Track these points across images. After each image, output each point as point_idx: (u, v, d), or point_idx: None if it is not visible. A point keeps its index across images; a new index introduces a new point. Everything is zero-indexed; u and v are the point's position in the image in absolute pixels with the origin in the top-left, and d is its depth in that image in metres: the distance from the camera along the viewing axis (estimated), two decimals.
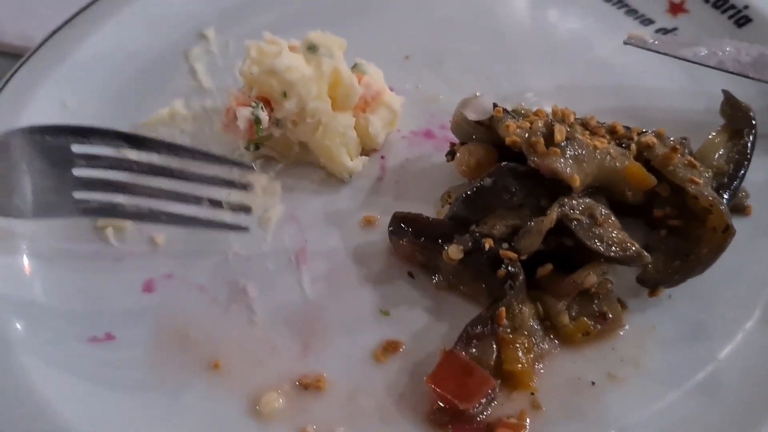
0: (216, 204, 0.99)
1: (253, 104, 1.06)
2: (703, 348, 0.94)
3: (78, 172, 0.96)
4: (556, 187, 0.96)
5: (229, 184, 1.01)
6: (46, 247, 1.06)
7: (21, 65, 1.25)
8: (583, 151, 0.95)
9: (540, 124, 0.96)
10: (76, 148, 0.96)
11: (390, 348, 0.95)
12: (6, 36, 1.44)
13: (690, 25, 1.31)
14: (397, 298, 0.99)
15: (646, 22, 1.34)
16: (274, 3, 1.42)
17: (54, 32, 1.31)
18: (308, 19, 1.35)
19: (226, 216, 1.01)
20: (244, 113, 1.05)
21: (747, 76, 1.13)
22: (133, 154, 1.01)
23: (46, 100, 1.21)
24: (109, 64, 1.30)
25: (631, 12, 1.35)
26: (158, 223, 0.99)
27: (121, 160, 0.98)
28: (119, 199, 0.98)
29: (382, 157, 1.16)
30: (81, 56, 1.28)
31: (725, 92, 1.11)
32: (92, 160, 0.96)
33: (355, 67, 1.16)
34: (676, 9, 1.34)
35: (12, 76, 1.23)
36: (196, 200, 0.98)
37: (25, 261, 1.03)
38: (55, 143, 0.96)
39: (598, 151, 0.96)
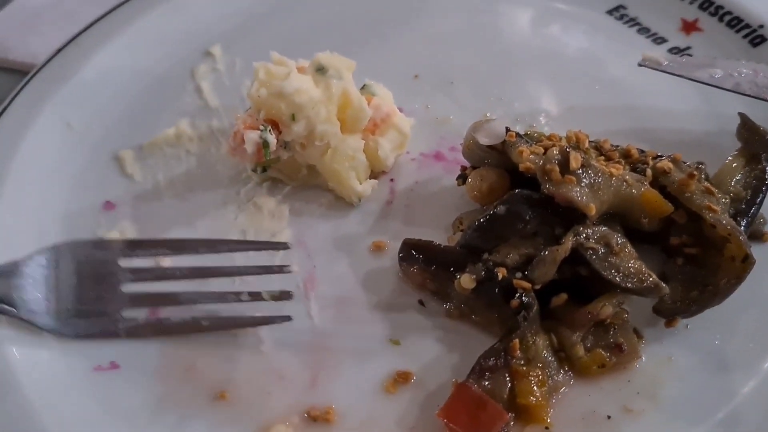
0: (256, 296, 0.98)
1: (261, 127, 1.05)
2: (722, 381, 0.92)
3: (125, 288, 0.96)
4: (571, 215, 0.95)
5: (268, 269, 1.00)
6: None
7: (25, 84, 1.27)
8: (599, 179, 0.94)
9: (555, 151, 0.95)
10: (122, 262, 0.97)
11: (400, 379, 0.94)
12: (11, 53, 1.45)
13: (704, 44, 1.31)
14: (408, 326, 0.98)
15: (659, 40, 1.34)
16: (281, 21, 1.43)
17: (58, 50, 1.33)
18: (315, 37, 1.38)
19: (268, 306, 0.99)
20: (253, 137, 1.04)
21: (765, 99, 1.12)
22: (167, 261, 1.01)
23: (51, 120, 1.22)
24: (115, 83, 1.32)
25: (644, 30, 1.35)
26: (203, 332, 0.97)
27: (164, 270, 0.98)
28: (164, 313, 0.97)
29: (392, 180, 1.16)
30: (86, 75, 1.30)
31: (742, 115, 1.10)
32: (138, 273, 0.96)
33: (364, 89, 1.16)
34: (689, 27, 1.34)
35: (17, 95, 1.25)
36: (237, 297, 0.97)
37: None
38: (100, 257, 0.97)
39: (614, 178, 0.95)
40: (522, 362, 0.91)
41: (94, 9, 1.48)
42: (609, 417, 0.89)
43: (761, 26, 1.27)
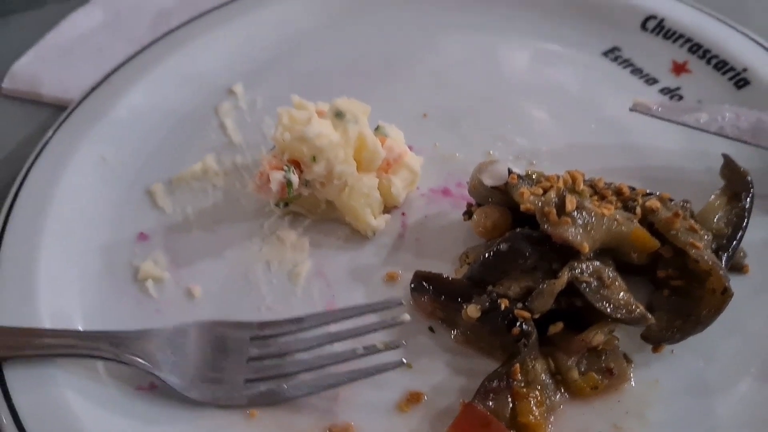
0: (371, 349, 0.99)
1: (285, 168, 1.10)
2: (704, 402, 0.96)
3: (252, 363, 0.98)
4: (567, 252, 0.98)
5: (382, 324, 1.01)
6: (95, 302, 1.10)
7: (63, 121, 1.29)
8: (592, 219, 0.98)
9: (552, 195, 1.00)
10: (253, 341, 1.00)
11: (413, 399, 0.97)
12: (44, 88, 1.48)
13: (692, 85, 1.35)
14: (419, 351, 1.01)
15: (651, 81, 1.38)
16: (297, 61, 1.46)
17: (92, 89, 1.35)
18: (329, 77, 1.43)
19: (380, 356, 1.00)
20: (277, 177, 1.09)
21: (745, 142, 1.17)
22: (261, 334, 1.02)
23: (87, 154, 1.25)
24: (145, 120, 1.34)
25: (637, 71, 1.39)
26: (321, 392, 0.97)
27: (288, 343, 1.00)
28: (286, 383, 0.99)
29: (403, 215, 1.19)
30: (118, 113, 1.32)
31: (725, 156, 1.13)
32: (265, 348, 0.99)
33: (377, 130, 1.19)
34: (679, 69, 1.38)
35: (55, 131, 1.27)
36: (354, 353, 0.99)
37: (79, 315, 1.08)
38: (231, 334, 1.00)
39: (605, 218, 0.99)
40: (522, 384, 0.94)
41: (122, 45, 1.53)
42: None
43: (745, 69, 1.31)
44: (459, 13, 1.52)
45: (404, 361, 0.97)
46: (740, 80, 1.32)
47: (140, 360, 0.96)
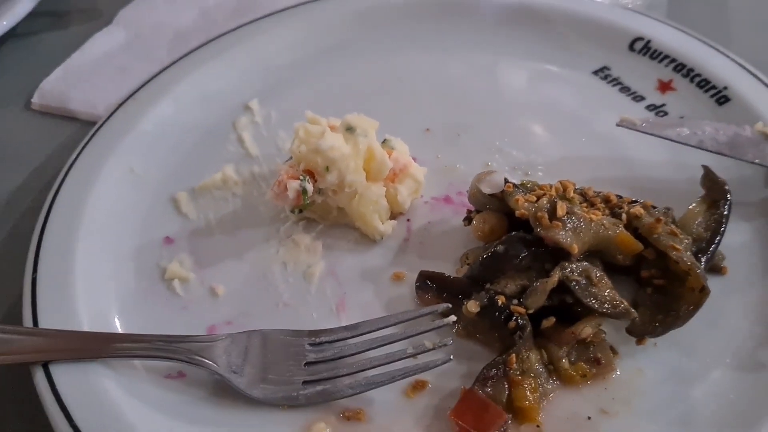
0: (420, 348, 1.03)
1: (301, 177, 1.16)
2: (683, 388, 1.01)
3: (310, 367, 1.03)
4: (558, 253, 1.03)
5: (430, 326, 1.05)
6: (128, 301, 1.16)
7: (93, 135, 1.35)
8: (581, 224, 1.03)
9: (545, 201, 1.05)
10: (309, 347, 1.05)
11: (418, 387, 1.02)
12: (71, 103, 1.56)
13: (677, 102, 1.41)
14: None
15: (638, 98, 1.43)
16: (309, 79, 1.52)
17: (119, 106, 1.41)
18: (338, 94, 1.48)
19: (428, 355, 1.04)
20: (294, 185, 1.14)
21: (723, 154, 1.22)
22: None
23: (117, 165, 1.31)
24: (168, 134, 1.39)
25: (625, 89, 1.45)
26: (373, 389, 1.01)
27: (342, 347, 1.04)
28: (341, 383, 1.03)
29: (408, 220, 1.25)
30: (144, 128, 1.37)
31: (704, 167, 1.19)
32: (320, 353, 1.04)
33: (384, 143, 1.24)
34: (664, 87, 1.44)
35: (86, 144, 1.33)
36: (404, 353, 1.02)
37: (115, 313, 1.14)
38: (289, 341, 1.05)
39: (593, 222, 1.04)
40: (518, 373, 0.99)
41: (142, 64, 1.63)
42: (589, 418, 0.98)
43: (725, 87, 1.36)
44: (459, 35, 1.58)
45: (451, 357, 1.01)
46: (721, 97, 1.37)
47: (208, 362, 1.03)
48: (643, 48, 1.49)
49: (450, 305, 1.06)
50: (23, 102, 1.60)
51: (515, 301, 1.04)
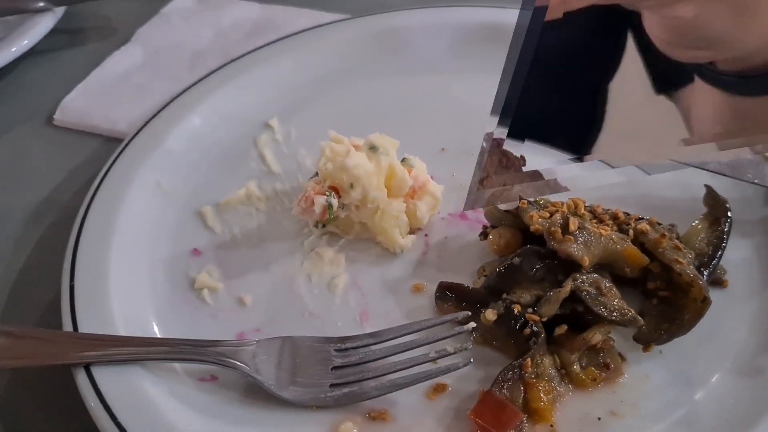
0: (442, 352, 1.06)
1: (327, 193, 1.20)
2: (686, 392, 1.04)
3: (336, 371, 1.07)
4: (570, 266, 1.06)
5: (451, 332, 1.08)
6: (160, 308, 1.19)
7: (122, 151, 1.40)
8: (591, 238, 1.07)
9: (558, 217, 1.10)
10: (335, 352, 1.09)
11: (439, 389, 1.06)
12: (93, 119, 1.61)
13: None
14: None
15: None
16: (326, 98, 1.57)
17: (145, 124, 1.46)
18: (356, 113, 1.51)
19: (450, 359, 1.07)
20: (321, 201, 1.19)
21: (724, 175, 1.24)
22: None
23: (145, 180, 1.35)
24: (193, 151, 1.44)
25: None
26: (397, 390, 1.05)
27: (366, 352, 1.08)
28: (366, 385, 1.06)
29: (426, 235, 1.28)
30: (170, 145, 1.42)
31: (707, 186, 1.22)
32: (346, 358, 1.08)
33: (404, 161, 1.28)
34: None
35: (115, 161, 1.38)
36: (426, 357, 1.06)
37: (148, 320, 1.19)
38: (317, 347, 1.09)
39: (603, 237, 1.07)
40: (533, 376, 1.02)
41: (160, 81, 1.69)
42: (599, 419, 1.01)
43: None
44: (471, 60, 1.61)
45: (471, 360, 1.05)
46: None
47: (240, 364, 1.07)
48: None
49: (470, 313, 1.09)
50: (44, 118, 1.63)
51: (530, 310, 1.07)
